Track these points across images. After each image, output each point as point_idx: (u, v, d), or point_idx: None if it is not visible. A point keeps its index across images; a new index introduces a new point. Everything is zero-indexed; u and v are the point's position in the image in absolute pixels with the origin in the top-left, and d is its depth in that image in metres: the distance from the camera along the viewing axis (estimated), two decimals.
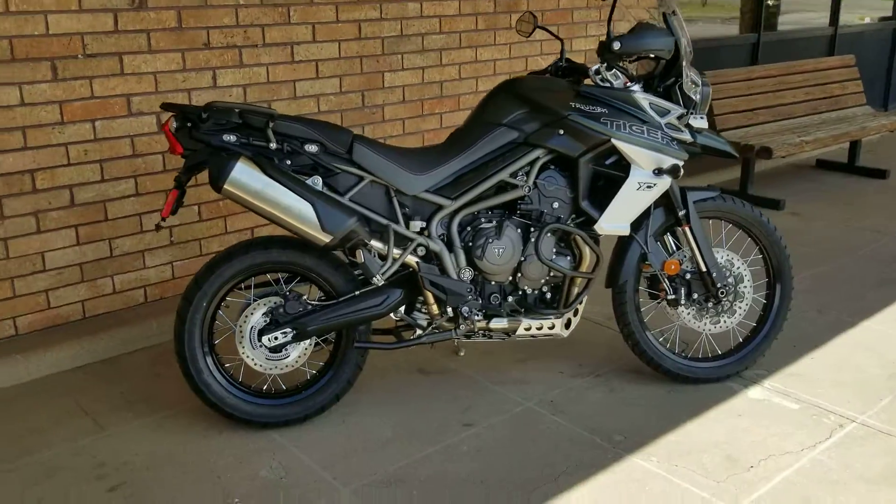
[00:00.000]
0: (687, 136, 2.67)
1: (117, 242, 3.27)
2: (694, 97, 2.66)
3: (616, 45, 2.48)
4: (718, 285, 2.79)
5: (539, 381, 2.92)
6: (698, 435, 2.56)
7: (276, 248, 2.52)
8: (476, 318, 2.63)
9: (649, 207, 2.74)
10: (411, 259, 2.57)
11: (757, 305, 3.04)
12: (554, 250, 2.66)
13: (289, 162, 2.46)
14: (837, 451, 2.47)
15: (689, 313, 2.86)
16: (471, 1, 4.17)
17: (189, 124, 2.40)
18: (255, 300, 2.56)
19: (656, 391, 2.85)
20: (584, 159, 2.60)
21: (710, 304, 2.84)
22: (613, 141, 2.54)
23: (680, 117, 2.65)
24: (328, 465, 2.42)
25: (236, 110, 2.40)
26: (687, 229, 2.76)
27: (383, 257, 2.52)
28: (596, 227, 2.63)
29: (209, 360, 2.55)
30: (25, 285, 3.08)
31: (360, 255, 2.48)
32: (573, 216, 2.67)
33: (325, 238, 2.42)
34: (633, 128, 2.56)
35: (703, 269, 2.78)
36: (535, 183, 2.62)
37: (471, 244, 2.60)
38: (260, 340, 2.54)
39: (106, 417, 2.70)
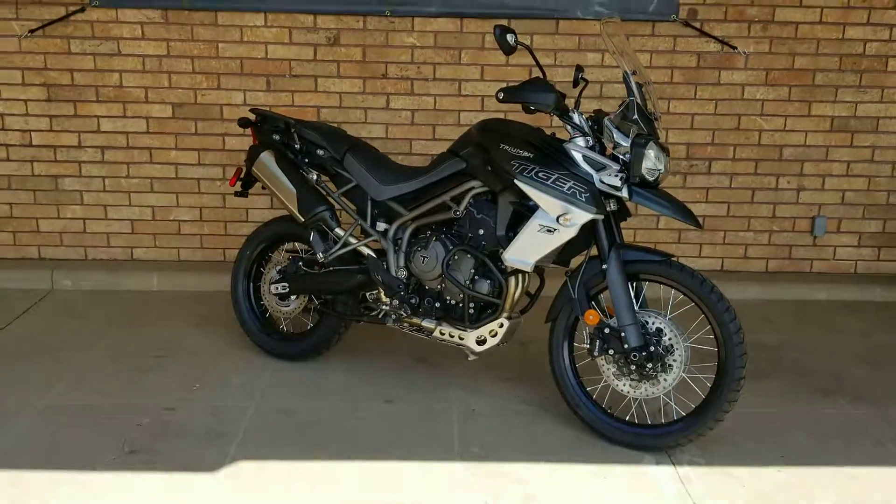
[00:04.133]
0: (621, 194, 2.73)
1: None
2: (622, 156, 2.70)
3: (500, 95, 2.73)
4: (626, 347, 2.74)
5: (474, 391, 3.21)
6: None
7: (288, 223, 3.39)
8: (404, 311, 3.11)
9: (587, 249, 2.85)
10: (365, 250, 3.18)
11: (701, 386, 2.82)
12: (472, 272, 2.97)
13: (307, 160, 3.30)
14: None
15: (609, 369, 2.85)
16: (670, 53, 4.29)
17: (258, 123, 3.41)
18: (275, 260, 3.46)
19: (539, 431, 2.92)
20: (503, 195, 2.88)
21: (632, 367, 2.79)
22: (516, 181, 2.78)
23: (621, 173, 2.72)
24: (278, 386, 3.21)
25: (281, 119, 3.33)
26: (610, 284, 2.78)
27: (335, 240, 3.19)
28: (502, 256, 2.88)
29: (250, 297, 3.51)
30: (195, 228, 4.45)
31: (312, 235, 3.19)
32: (498, 245, 2.94)
33: (301, 218, 3.21)
34: (541, 174, 2.74)
35: (616, 326, 2.77)
36: (466, 209, 2.98)
37: (407, 249, 3.10)
38: (271, 290, 3.43)
39: (178, 322, 3.88)
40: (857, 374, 3.52)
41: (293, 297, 3.41)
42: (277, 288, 3.39)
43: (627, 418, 2.93)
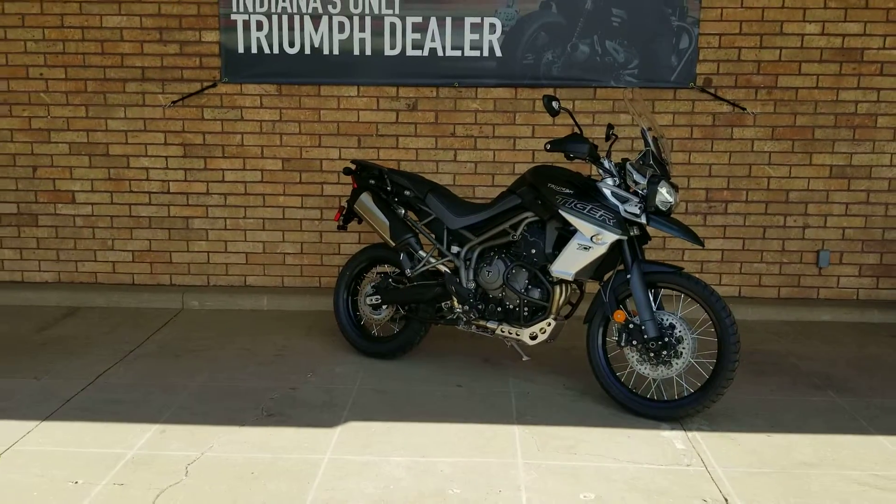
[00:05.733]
0: (641, 220, 3.59)
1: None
2: (640, 192, 3.58)
3: (547, 146, 3.64)
4: (646, 337, 3.57)
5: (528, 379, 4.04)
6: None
7: (380, 249, 4.32)
8: (472, 315, 3.99)
9: (617, 265, 3.70)
10: (442, 268, 4.08)
11: (705, 369, 3.62)
12: (526, 282, 3.84)
13: (396, 199, 4.25)
14: None
15: (632, 357, 3.67)
16: (689, 114, 5.16)
17: (358, 172, 4.38)
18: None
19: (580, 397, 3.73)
20: (550, 222, 3.77)
21: (650, 354, 3.61)
22: (560, 211, 3.67)
23: (640, 205, 3.59)
24: (373, 375, 4.10)
25: (375, 167, 4.29)
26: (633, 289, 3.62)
27: (419, 260, 4.10)
28: (549, 269, 3.75)
29: (349, 308, 4.42)
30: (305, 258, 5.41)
31: (401, 256, 4.11)
32: (546, 261, 3.81)
33: (392, 243, 4.14)
34: (579, 206, 3.62)
35: (637, 322, 3.60)
36: (521, 234, 3.88)
37: (475, 266, 3.99)
38: (366, 302, 4.35)
39: (288, 332, 4.81)
40: (848, 375, 4.25)
41: (384, 307, 4.32)
42: (371, 300, 4.31)
43: (648, 395, 3.73)
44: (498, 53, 5.10)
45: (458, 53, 5.11)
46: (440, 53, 5.11)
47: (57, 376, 4.04)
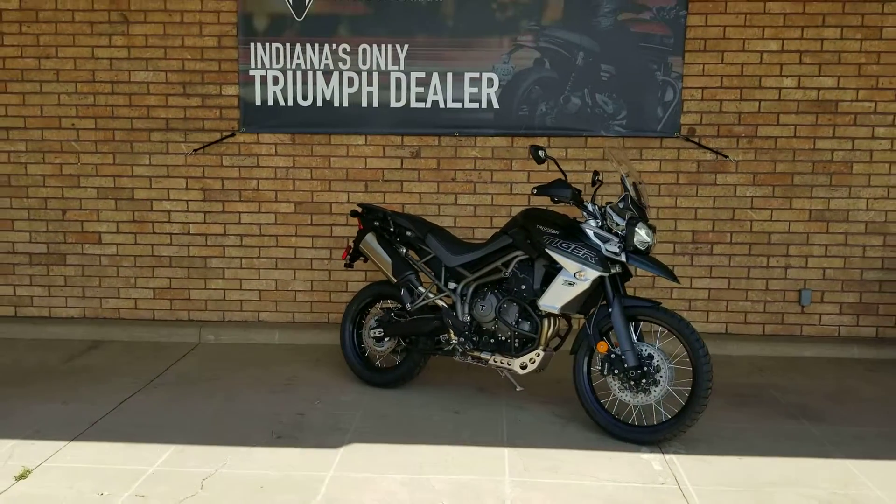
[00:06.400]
0: (620, 258, 3.92)
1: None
2: (620, 232, 3.91)
3: (534, 191, 3.99)
4: (626, 366, 3.86)
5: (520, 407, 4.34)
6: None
7: (384, 286, 4.67)
8: (468, 346, 4.30)
9: (600, 301, 4.01)
10: (440, 302, 4.41)
11: (681, 396, 3.90)
12: (517, 315, 4.16)
13: (399, 239, 4.60)
14: None
15: (614, 385, 3.96)
16: (674, 161, 5.51)
17: (364, 214, 4.75)
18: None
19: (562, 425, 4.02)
20: (538, 260, 4.10)
21: (631, 382, 3.90)
22: (547, 250, 4.00)
23: (620, 244, 3.92)
24: (375, 402, 4.41)
25: (380, 210, 4.65)
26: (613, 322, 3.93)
27: (419, 296, 4.43)
28: (538, 304, 4.07)
29: (354, 341, 4.75)
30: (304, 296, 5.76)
31: (402, 292, 4.45)
32: (535, 296, 4.13)
33: (394, 279, 4.48)
34: (564, 245, 3.96)
35: (619, 353, 3.90)
36: (512, 271, 4.21)
37: (470, 301, 4.32)
38: (370, 335, 4.67)
39: (297, 364, 5.13)
40: (822, 405, 4.51)
41: (386, 340, 4.64)
42: (375, 332, 4.64)
43: (630, 421, 4.01)
44: (495, 105, 5.50)
45: (458, 105, 5.51)
46: (442, 105, 5.51)
47: (83, 402, 4.37)
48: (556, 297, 4.01)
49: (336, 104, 5.55)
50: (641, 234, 3.90)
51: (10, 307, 5.87)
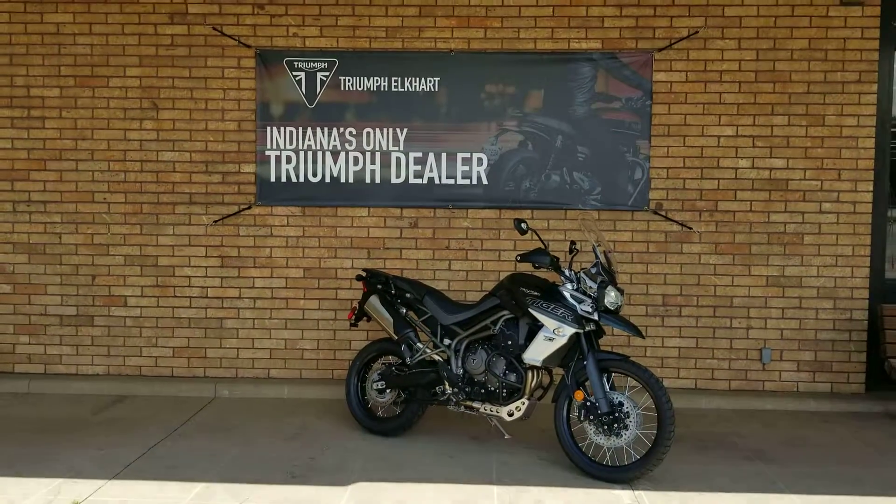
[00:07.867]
0: (593, 317, 4.51)
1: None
2: (592, 294, 4.52)
3: (517, 258, 4.61)
4: (599, 412, 4.42)
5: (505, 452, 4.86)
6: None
7: (385, 343, 5.24)
8: (461, 396, 4.85)
9: (577, 355, 4.58)
10: (436, 357, 4.98)
11: (648, 439, 4.45)
12: (504, 368, 4.73)
13: (399, 300, 5.19)
14: None
15: (590, 429, 4.51)
16: (644, 232, 6.16)
17: (368, 278, 5.35)
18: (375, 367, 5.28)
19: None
20: (522, 319, 4.69)
21: (604, 426, 4.45)
22: (529, 310, 4.59)
23: (593, 304, 4.52)
24: (378, 448, 4.92)
25: (382, 275, 5.26)
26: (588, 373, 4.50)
27: (417, 351, 5.00)
28: (522, 357, 4.64)
29: (358, 393, 5.30)
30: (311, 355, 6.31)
31: (402, 347, 5.02)
32: (520, 351, 4.71)
33: (395, 336, 5.06)
34: (544, 305, 4.56)
35: (593, 400, 4.46)
36: (500, 328, 4.79)
37: (463, 355, 4.89)
38: (373, 387, 5.22)
39: (306, 416, 5.65)
40: (778, 450, 5.05)
41: (388, 392, 5.18)
42: (377, 385, 5.19)
43: (605, 462, 4.54)
44: (485, 182, 6.17)
45: (451, 181, 6.18)
46: (437, 181, 6.18)
47: (116, 447, 4.87)
48: (538, 352, 4.59)
49: (343, 180, 6.20)
50: (611, 296, 4.50)
51: (41, 365, 6.39)
